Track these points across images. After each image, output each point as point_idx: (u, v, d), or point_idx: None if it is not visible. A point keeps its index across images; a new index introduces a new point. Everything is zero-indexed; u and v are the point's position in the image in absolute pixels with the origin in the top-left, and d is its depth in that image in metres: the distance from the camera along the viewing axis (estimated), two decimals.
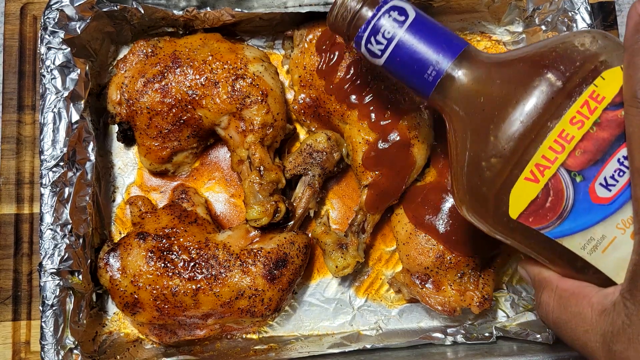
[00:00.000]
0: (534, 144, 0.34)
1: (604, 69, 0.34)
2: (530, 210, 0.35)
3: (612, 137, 0.34)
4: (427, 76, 0.39)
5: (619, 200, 0.34)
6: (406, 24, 0.39)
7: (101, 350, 0.55)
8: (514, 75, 0.36)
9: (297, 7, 0.55)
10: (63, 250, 0.52)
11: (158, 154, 0.56)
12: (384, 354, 0.55)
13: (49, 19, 0.53)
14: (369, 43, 0.40)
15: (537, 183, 0.35)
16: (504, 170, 0.35)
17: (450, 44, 0.39)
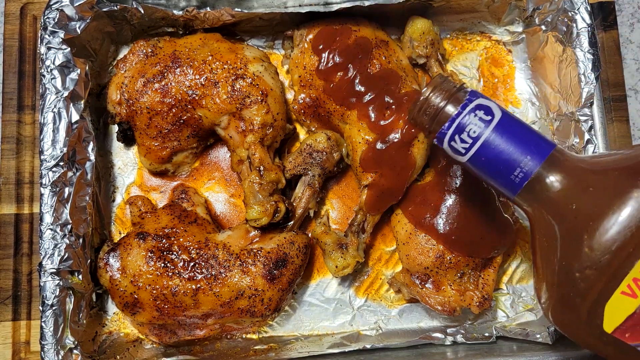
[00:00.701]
0: (632, 257, 0.33)
1: None
2: (627, 325, 0.34)
3: None
4: (513, 177, 0.38)
5: None
6: (492, 123, 0.38)
7: (101, 350, 0.55)
8: (609, 183, 0.35)
9: (297, 7, 0.55)
10: (63, 250, 0.52)
11: (158, 153, 0.56)
12: (384, 354, 0.55)
13: (49, 19, 0.53)
14: (452, 141, 0.39)
15: (636, 298, 0.34)
16: (599, 283, 0.34)
17: (538, 145, 0.38)
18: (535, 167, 0.37)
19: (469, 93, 0.40)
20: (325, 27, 0.56)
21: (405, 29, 0.59)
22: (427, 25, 0.58)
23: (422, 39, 0.58)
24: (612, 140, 0.61)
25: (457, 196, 0.53)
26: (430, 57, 0.59)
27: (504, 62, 0.62)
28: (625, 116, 0.62)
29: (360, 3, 0.54)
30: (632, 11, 0.67)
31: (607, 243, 0.34)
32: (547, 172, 0.37)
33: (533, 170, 0.37)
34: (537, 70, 0.61)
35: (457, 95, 0.40)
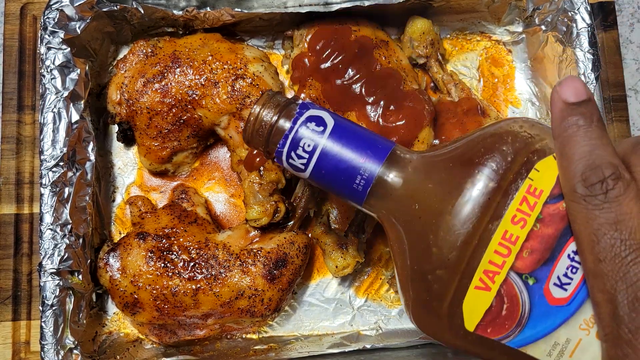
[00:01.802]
0: (479, 249, 0.32)
1: (537, 160, 0.32)
2: (487, 320, 0.33)
3: (558, 233, 0.32)
4: (356, 186, 0.36)
5: (577, 299, 0.32)
6: (326, 133, 0.36)
7: (101, 350, 0.55)
8: (446, 177, 0.34)
9: (297, 7, 0.55)
10: (63, 250, 0.52)
11: (158, 154, 0.56)
12: (384, 354, 0.55)
13: (48, 19, 0.53)
14: (290, 158, 0.37)
15: (489, 291, 0.32)
16: (452, 282, 0.33)
17: (375, 148, 0.36)
18: (375, 172, 0.35)
19: (299, 105, 0.38)
20: (323, 26, 0.56)
21: (405, 29, 0.59)
22: (427, 25, 0.58)
23: (422, 39, 0.58)
24: (613, 140, 0.61)
25: None
26: (430, 57, 0.59)
27: (504, 62, 0.63)
28: (625, 116, 0.62)
29: (360, 3, 0.54)
30: (632, 11, 0.67)
31: (452, 240, 0.32)
32: (388, 174, 0.36)
33: (373, 175, 0.35)
34: (537, 70, 0.61)
35: (288, 110, 0.38)
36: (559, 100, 0.31)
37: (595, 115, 0.31)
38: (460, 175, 0.33)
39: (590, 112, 0.31)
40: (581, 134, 0.31)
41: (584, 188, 0.30)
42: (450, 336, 0.34)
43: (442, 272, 0.33)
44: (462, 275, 0.33)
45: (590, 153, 0.30)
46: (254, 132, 0.38)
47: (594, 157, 0.30)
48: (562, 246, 0.32)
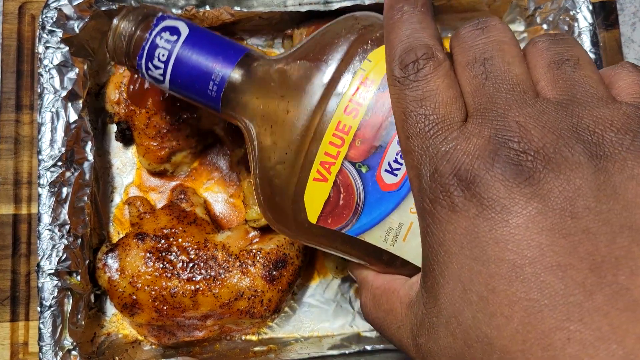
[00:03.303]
0: (315, 142, 0.33)
1: (370, 50, 0.33)
2: (327, 211, 0.34)
3: (387, 120, 0.32)
4: (210, 92, 0.37)
5: (407, 184, 0.33)
6: (179, 42, 0.37)
7: (100, 352, 0.55)
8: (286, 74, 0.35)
9: (296, 6, 0.55)
10: (61, 250, 0.51)
11: (157, 153, 0.56)
12: (384, 355, 0.55)
13: (47, 18, 0.53)
14: (148, 70, 0.38)
15: (326, 182, 0.33)
16: (292, 176, 0.34)
17: (227, 53, 0.37)
18: (226, 75, 0.36)
19: (157, 18, 0.39)
20: (319, 25, 0.56)
21: None
22: None
23: None
24: None
25: None
26: None
27: None
28: None
29: (361, 2, 0.54)
30: (634, 10, 0.66)
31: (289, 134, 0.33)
32: (238, 78, 0.36)
33: (225, 79, 0.36)
34: None
35: (146, 22, 0.38)
36: None
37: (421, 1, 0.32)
38: (297, 70, 0.34)
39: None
40: (404, 19, 0.32)
41: (399, 70, 0.30)
42: (297, 230, 0.35)
43: (281, 166, 0.34)
44: (300, 168, 0.33)
45: (409, 37, 0.31)
46: (115, 47, 0.39)
47: (411, 40, 0.31)
48: (391, 133, 0.32)
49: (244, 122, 0.37)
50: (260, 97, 0.35)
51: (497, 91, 0.29)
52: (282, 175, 0.34)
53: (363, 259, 0.36)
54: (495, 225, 0.26)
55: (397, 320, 0.33)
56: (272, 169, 0.34)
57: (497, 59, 0.30)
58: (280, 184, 0.34)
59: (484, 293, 0.26)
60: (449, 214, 0.28)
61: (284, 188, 0.34)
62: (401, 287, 0.34)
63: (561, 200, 0.26)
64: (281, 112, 0.34)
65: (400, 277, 0.35)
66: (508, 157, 0.27)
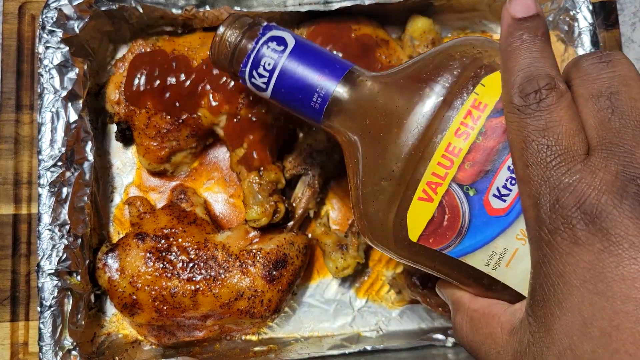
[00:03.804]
0: (423, 161, 0.33)
1: (484, 75, 0.33)
2: (429, 230, 0.34)
3: (499, 145, 0.32)
4: (313, 104, 0.37)
5: (515, 209, 0.32)
6: (286, 52, 0.38)
7: (100, 352, 0.55)
8: (395, 92, 0.35)
9: (296, 6, 0.55)
10: (61, 250, 0.51)
11: (157, 153, 0.56)
12: (385, 355, 0.55)
13: (47, 18, 0.53)
14: (252, 77, 0.39)
15: (432, 202, 0.33)
16: (397, 193, 0.34)
17: (333, 68, 0.37)
18: (331, 90, 0.36)
19: (263, 27, 0.39)
20: (319, 25, 0.56)
21: (405, 28, 0.58)
22: (428, 24, 0.57)
23: (423, 38, 0.57)
24: None
25: None
26: None
27: None
28: None
29: (361, 2, 0.54)
30: (634, 10, 0.66)
31: (397, 152, 0.33)
32: (343, 93, 0.37)
33: (329, 93, 0.37)
34: None
35: (252, 31, 0.39)
36: (508, 16, 0.32)
37: (541, 30, 0.31)
38: (409, 90, 0.34)
39: (536, 26, 0.31)
40: (524, 47, 0.31)
41: (519, 98, 0.30)
42: (396, 247, 0.35)
43: (386, 183, 0.34)
44: (406, 186, 0.33)
45: (530, 65, 0.31)
46: (219, 53, 0.40)
47: (532, 68, 0.30)
48: (502, 158, 0.32)
49: (348, 136, 0.37)
50: (367, 114, 0.36)
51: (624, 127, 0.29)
52: (387, 191, 0.34)
53: (461, 280, 0.36)
54: (622, 262, 0.26)
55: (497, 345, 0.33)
56: (377, 185, 0.34)
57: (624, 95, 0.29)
58: (384, 200, 0.34)
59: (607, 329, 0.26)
60: (570, 247, 0.28)
61: (387, 204, 0.34)
62: (502, 313, 0.34)
63: None
64: (389, 130, 0.34)
65: (500, 302, 0.35)
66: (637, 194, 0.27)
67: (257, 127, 0.54)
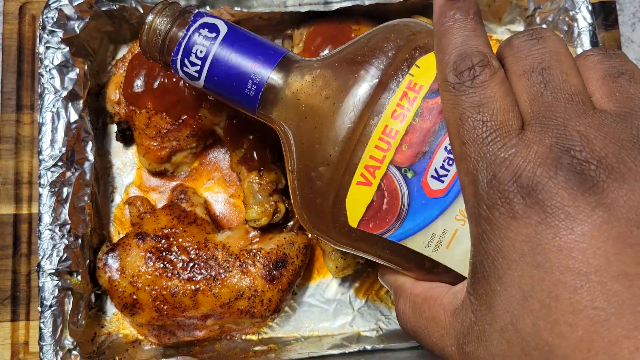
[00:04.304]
0: (360, 145, 0.32)
1: (419, 56, 0.33)
2: (369, 215, 0.33)
3: (436, 126, 0.32)
4: (248, 92, 0.36)
5: (453, 190, 0.32)
6: (218, 39, 0.36)
7: (100, 351, 0.55)
8: (330, 76, 0.34)
9: (296, 6, 0.55)
10: (62, 250, 0.51)
11: (157, 153, 0.56)
12: (385, 355, 0.55)
13: (47, 18, 0.53)
14: (184, 66, 0.37)
15: (370, 186, 0.33)
16: (335, 178, 0.33)
17: (267, 54, 0.36)
18: (265, 77, 0.36)
19: (194, 14, 0.38)
20: (318, 25, 0.56)
21: None
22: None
23: None
24: None
25: None
26: None
27: None
28: None
29: (360, 2, 0.54)
30: (634, 10, 0.66)
31: (334, 136, 0.33)
32: (278, 79, 0.36)
33: (264, 80, 0.36)
34: None
35: (183, 18, 0.38)
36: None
37: (472, 9, 0.32)
38: (343, 73, 0.34)
39: (468, 6, 0.32)
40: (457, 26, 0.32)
41: (453, 76, 0.30)
42: (335, 233, 0.35)
43: (324, 168, 0.33)
44: (344, 171, 0.33)
45: (463, 43, 0.31)
46: (149, 42, 0.38)
47: (465, 47, 0.31)
48: (439, 139, 0.32)
49: (283, 125, 0.36)
50: (302, 99, 0.35)
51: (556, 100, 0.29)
52: (324, 177, 0.33)
53: (403, 265, 0.36)
54: (559, 233, 0.26)
55: (440, 327, 0.33)
56: (314, 171, 0.34)
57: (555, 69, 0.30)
58: (321, 186, 0.34)
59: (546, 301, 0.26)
60: (508, 221, 0.28)
61: (325, 190, 0.34)
62: (444, 295, 0.34)
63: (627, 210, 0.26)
64: (325, 114, 0.33)
65: (442, 284, 0.35)
66: (571, 165, 0.27)
67: (257, 127, 0.54)
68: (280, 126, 0.37)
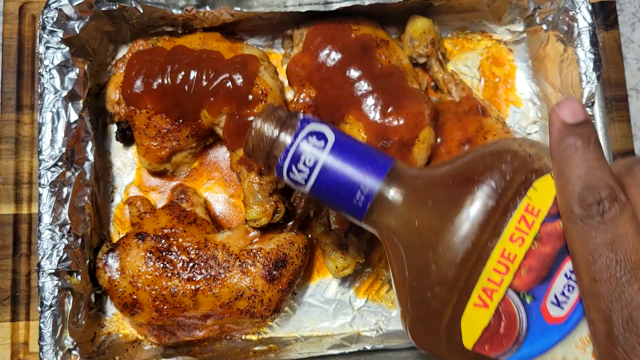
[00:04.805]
0: (477, 267, 0.32)
1: (536, 179, 0.33)
2: (485, 338, 0.33)
3: (555, 251, 0.32)
4: (356, 202, 0.36)
5: (574, 317, 0.32)
6: (327, 148, 0.36)
7: (100, 351, 0.55)
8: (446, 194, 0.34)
9: (296, 6, 0.55)
10: (62, 250, 0.51)
11: (157, 153, 0.56)
12: (384, 355, 0.55)
13: (47, 18, 0.53)
14: (290, 172, 0.37)
15: (487, 308, 0.32)
16: (451, 299, 0.33)
17: (376, 164, 0.36)
18: (375, 188, 0.36)
19: (301, 120, 0.38)
20: (318, 25, 0.56)
21: (405, 28, 0.58)
22: (427, 24, 0.57)
23: (422, 38, 0.58)
24: (614, 140, 0.61)
25: None
26: (430, 56, 0.58)
27: (505, 61, 0.62)
28: (626, 116, 0.61)
29: (360, 2, 0.54)
30: (634, 10, 0.66)
31: (451, 256, 0.32)
32: (388, 191, 0.36)
33: (373, 191, 0.36)
34: (538, 69, 0.60)
35: (289, 123, 0.38)
36: (557, 120, 0.32)
37: (593, 137, 0.31)
38: (459, 193, 0.34)
39: (588, 133, 0.31)
40: (579, 155, 0.31)
41: (580, 209, 0.30)
42: (448, 353, 0.34)
43: (440, 288, 0.33)
44: (460, 292, 0.33)
45: (587, 174, 0.30)
46: (255, 146, 0.38)
47: (591, 178, 0.30)
48: (559, 265, 0.32)
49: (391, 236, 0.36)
50: (415, 215, 0.35)
51: None
52: (441, 297, 0.33)
53: None
54: None
55: None
56: (431, 290, 0.33)
57: None
58: (437, 306, 0.33)
59: None
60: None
61: (441, 310, 0.33)
62: None
63: None
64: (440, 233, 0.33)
65: None
66: None
67: None
68: (389, 238, 0.37)
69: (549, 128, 0.32)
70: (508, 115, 0.61)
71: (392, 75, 0.54)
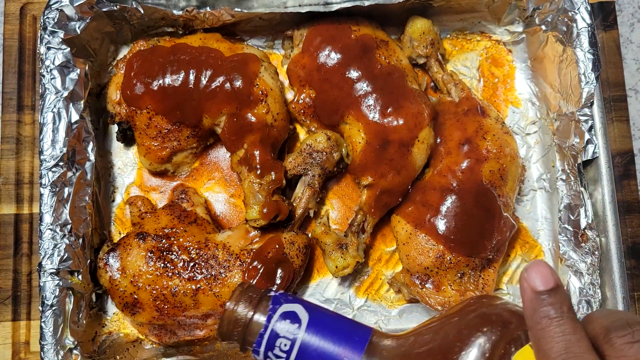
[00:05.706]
0: None
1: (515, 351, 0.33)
2: None
3: None
4: None
5: None
6: (301, 330, 0.36)
7: (101, 351, 0.55)
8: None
9: (296, 7, 0.55)
10: (63, 250, 0.52)
11: (157, 154, 0.56)
12: None
13: (48, 18, 0.53)
14: (267, 358, 0.37)
15: None
16: None
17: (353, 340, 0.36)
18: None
19: (272, 300, 0.38)
20: (318, 25, 0.56)
21: (405, 28, 0.59)
22: (427, 25, 0.58)
23: (422, 38, 0.58)
24: (613, 140, 0.61)
25: (457, 195, 0.53)
26: (430, 57, 0.59)
27: (504, 62, 0.62)
28: (625, 116, 0.62)
29: (360, 3, 0.54)
30: (632, 11, 0.67)
31: None
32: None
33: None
34: (538, 70, 0.61)
35: (262, 306, 0.37)
36: (528, 288, 0.31)
37: (565, 305, 0.31)
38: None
39: (560, 301, 0.31)
40: (553, 327, 0.31)
41: None
42: None
43: None
44: None
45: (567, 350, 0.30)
46: (229, 332, 0.38)
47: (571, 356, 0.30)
48: None
49: None
50: None
51: None
52: None
53: None
54: None
55: None
56: None
57: None
58: None
59: None
60: None
61: None
62: None
63: None
64: None
65: None
66: None
67: (257, 127, 0.54)
68: None
69: (520, 295, 0.32)
70: (507, 115, 0.62)
71: (392, 76, 0.55)
